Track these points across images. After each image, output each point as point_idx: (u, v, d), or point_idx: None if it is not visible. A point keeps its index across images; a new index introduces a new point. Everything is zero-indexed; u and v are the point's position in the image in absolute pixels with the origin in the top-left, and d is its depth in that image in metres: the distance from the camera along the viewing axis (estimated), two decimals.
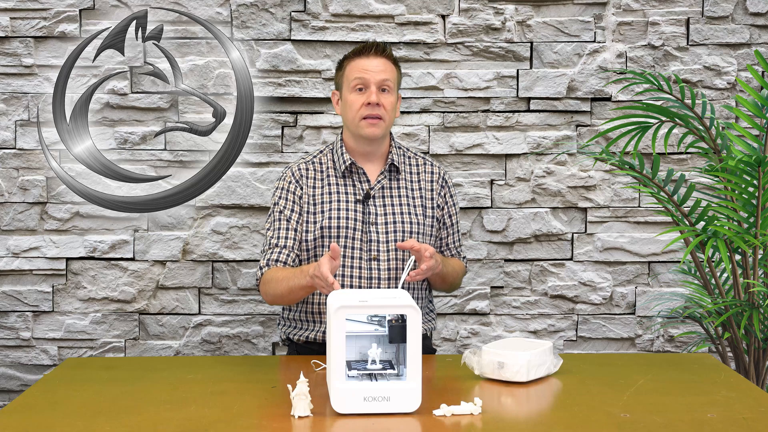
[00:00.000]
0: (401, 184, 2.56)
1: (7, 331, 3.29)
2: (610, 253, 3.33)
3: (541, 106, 3.30)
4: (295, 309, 2.55)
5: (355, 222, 2.49)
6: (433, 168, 2.62)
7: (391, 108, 2.49)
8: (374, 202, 2.52)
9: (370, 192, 2.52)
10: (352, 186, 2.53)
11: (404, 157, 2.60)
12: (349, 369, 1.83)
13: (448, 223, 2.62)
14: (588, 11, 3.28)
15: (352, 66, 2.50)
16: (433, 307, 2.66)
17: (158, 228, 3.29)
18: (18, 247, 3.27)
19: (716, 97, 3.29)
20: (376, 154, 2.55)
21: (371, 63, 2.48)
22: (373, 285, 2.47)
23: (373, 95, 2.45)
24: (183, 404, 1.89)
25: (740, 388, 2.02)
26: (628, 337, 3.35)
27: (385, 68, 2.48)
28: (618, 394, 1.96)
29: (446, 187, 2.62)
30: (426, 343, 2.60)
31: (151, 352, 3.31)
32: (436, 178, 2.60)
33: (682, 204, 2.75)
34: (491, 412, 1.83)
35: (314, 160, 2.58)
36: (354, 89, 2.48)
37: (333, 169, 2.55)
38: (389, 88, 2.48)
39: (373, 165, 2.55)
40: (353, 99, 2.48)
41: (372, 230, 2.49)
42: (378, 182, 2.53)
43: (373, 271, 2.47)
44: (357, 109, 2.47)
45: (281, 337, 2.63)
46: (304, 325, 2.54)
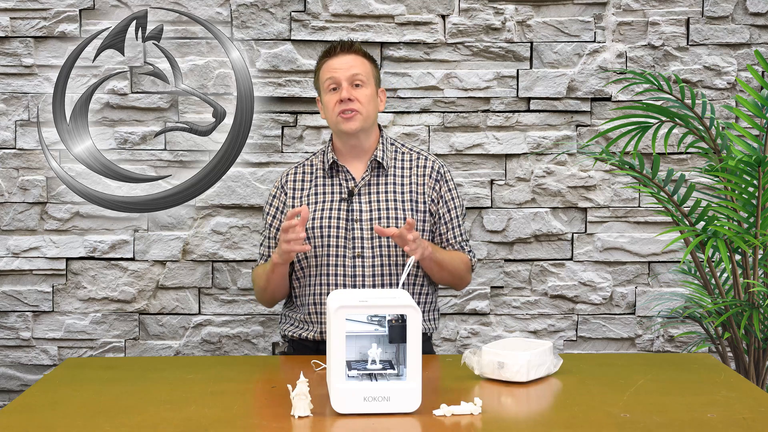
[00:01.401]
0: (389, 180, 2.56)
1: (7, 331, 3.29)
2: (610, 253, 3.33)
3: (541, 106, 3.30)
4: (298, 310, 2.56)
5: (338, 221, 2.50)
6: (427, 162, 2.59)
7: (367, 101, 2.50)
8: (359, 200, 2.52)
9: (354, 189, 2.52)
10: (338, 185, 2.54)
11: (396, 153, 2.59)
12: (349, 369, 1.83)
13: (446, 217, 2.58)
14: (588, 11, 3.28)
15: (324, 68, 2.54)
16: (436, 306, 2.65)
17: (158, 228, 3.29)
18: (18, 247, 3.27)
19: (716, 97, 3.29)
20: (362, 149, 2.55)
21: (340, 61, 2.51)
22: (357, 283, 2.47)
23: (344, 91, 2.47)
24: (183, 404, 1.89)
25: (740, 388, 2.02)
26: (628, 337, 3.35)
27: (354, 63, 2.51)
28: (618, 394, 1.96)
29: (442, 180, 2.58)
30: (426, 345, 2.60)
31: (151, 352, 3.31)
32: (428, 172, 2.58)
33: (682, 204, 2.75)
34: (491, 412, 1.83)
35: (306, 162, 2.63)
36: (328, 90, 2.51)
37: (321, 169, 2.58)
38: (362, 82, 2.50)
39: (360, 162, 2.56)
40: (328, 99, 2.51)
41: (356, 227, 2.49)
42: (362, 179, 2.54)
43: (357, 269, 2.47)
44: (332, 108, 2.50)
45: (280, 334, 2.65)
46: (300, 325, 2.55)
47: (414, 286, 2.55)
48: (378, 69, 2.60)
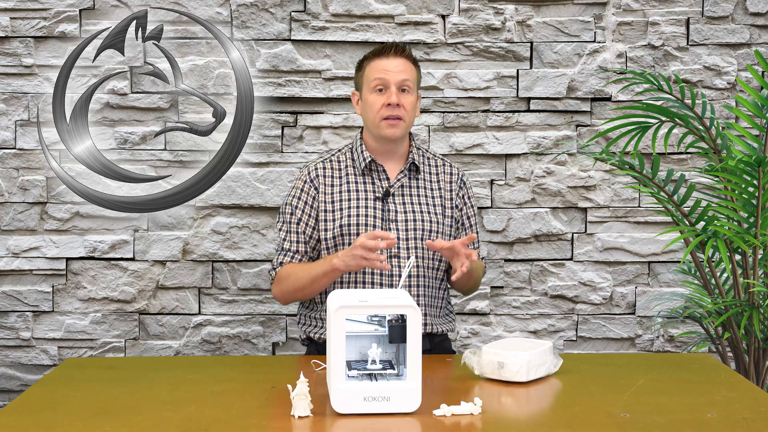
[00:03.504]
0: (420, 183, 2.57)
1: (7, 331, 3.29)
2: (610, 253, 3.33)
3: (541, 106, 3.30)
4: (318, 309, 2.55)
5: (374, 219, 2.49)
6: (452, 169, 2.63)
7: (411, 108, 2.50)
8: (394, 200, 2.52)
9: (390, 190, 2.52)
10: (371, 183, 2.54)
11: (423, 158, 2.61)
12: (349, 369, 1.83)
13: (467, 224, 2.62)
14: (588, 11, 3.28)
15: (372, 66, 2.51)
16: (452, 308, 2.65)
17: (158, 228, 3.29)
18: (18, 247, 3.27)
19: (716, 97, 3.29)
20: (397, 153, 2.56)
21: (391, 63, 2.49)
22: (394, 282, 2.47)
23: (393, 96, 2.46)
24: (183, 404, 1.89)
25: (740, 388, 2.02)
26: (628, 337, 3.35)
27: (404, 68, 2.50)
28: (618, 394, 1.96)
29: (464, 188, 2.63)
30: (445, 345, 2.60)
31: (151, 352, 3.31)
32: (454, 179, 2.61)
33: (682, 204, 2.75)
34: (491, 412, 1.83)
35: (332, 158, 2.59)
36: (374, 90, 2.49)
37: (352, 167, 2.56)
38: (409, 89, 2.49)
39: (393, 163, 2.56)
40: (373, 99, 2.49)
41: (392, 228, 2.49)
42: (398, 180, 2.54)
43: (393, 269, 2.47)
44: (377, 109, 2.48)
45: (301, 337, 2.63)
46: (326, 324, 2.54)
47: (429, 288, 2.54)
48: (421, 75, 2.61)
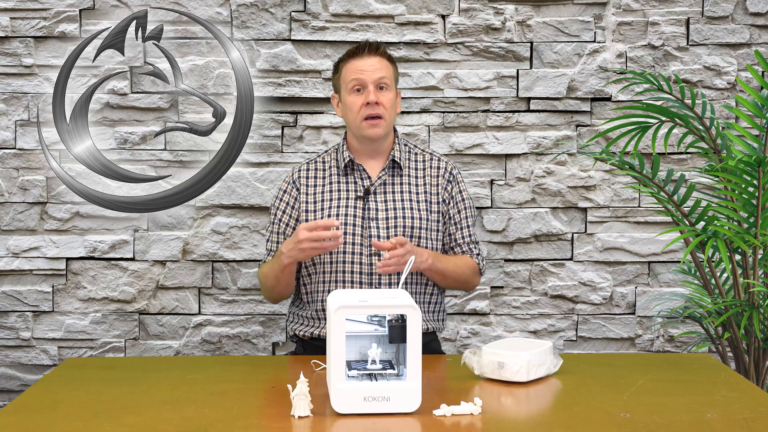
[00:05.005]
0: (404, 180, 2.57)
1: (7, 331, 3.29)
2: (610, 253, 3.33)
3: (541, 106, 3.30)
4: (306, 308, 2.56)
5: (354, 218, 2.50)
6: (440, 163, 2.61)
7: (391, 105, 2.51)
8: (375, 198, 2.53)
9: (370, 188, 2.52)
10: (353, 183, 2.55)
11: (410, 153, 2.61)
12: (349, 369, 1.83)
13: (456, 218, 2.59)
14: (588, 11, 3.28)
15: (348, 67, 2.52)
16: (442, 306, 2.64)
17: (158, 228, 3.29)
18: (18, 247, 3.27)
19: (716, 97, 3.29)
20: (379, 151, 2.57)
21: (366, 62, 2.50)
22: (374, 281, 2.48)
23: (371, 94, 2.47)
24: (183, 404, 1.89)
25: (740, 388, 2.02)
26: (628, 337, 3.35)
27: (380, 66, 2.50)
28: (618, 394, 1.96)
29: (453, 182, 2.61)
30: (433, 345, 2.60)
31: (151, 352, 3.31)
32: (442, 173, 2.60)
33: (682, 204, 2.75)
34: (491, 412, 1.83)
35: (317, 159, 2.63)
36: (352, 90, 2.50)
37: (335, 167, 2.57)
38: (387, 86, 2.50)
39: (375, 162, 2.57)
40: (352, 100, 2.50)
41: (372, 226, 2.49)
42: (379, 178, 2.54)
43: (374, 267, 2.48)
44: (357, 110, 2.49)
45: (288, 334, 2.64)
46: (312, 323, 2.55)
47: (421, 285, 2.55)
48: (398, 72, 2.61)
